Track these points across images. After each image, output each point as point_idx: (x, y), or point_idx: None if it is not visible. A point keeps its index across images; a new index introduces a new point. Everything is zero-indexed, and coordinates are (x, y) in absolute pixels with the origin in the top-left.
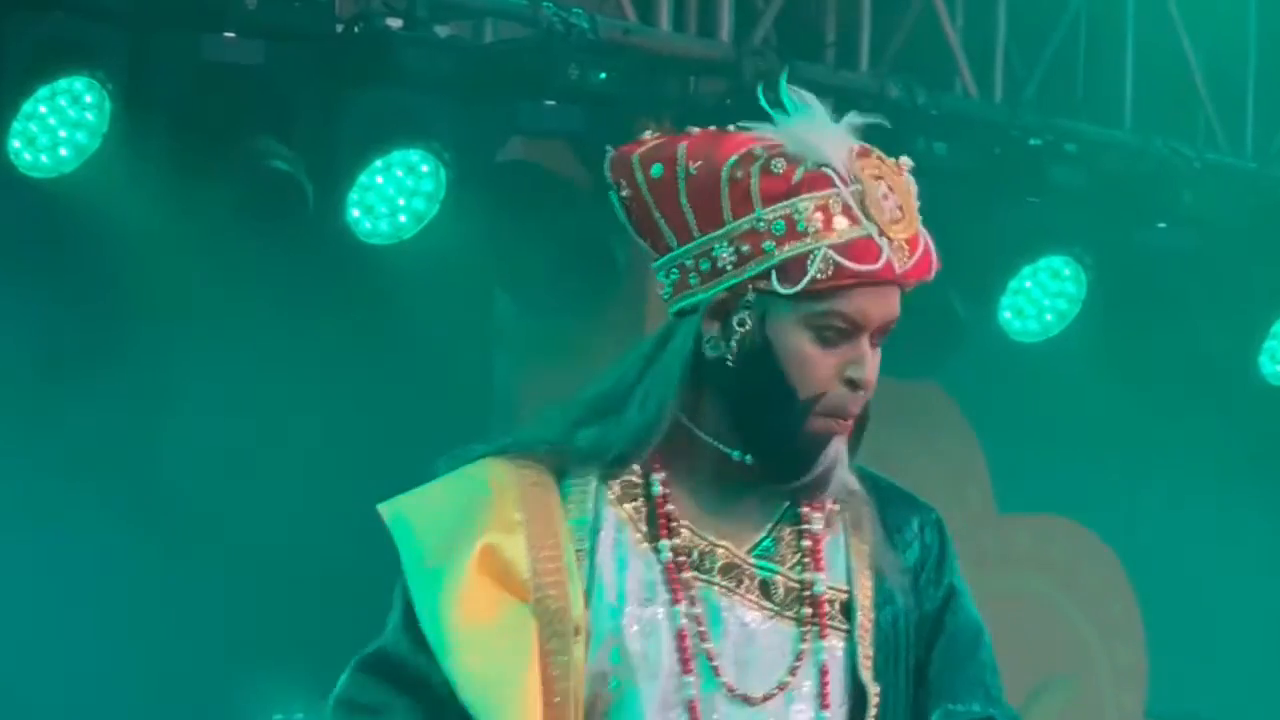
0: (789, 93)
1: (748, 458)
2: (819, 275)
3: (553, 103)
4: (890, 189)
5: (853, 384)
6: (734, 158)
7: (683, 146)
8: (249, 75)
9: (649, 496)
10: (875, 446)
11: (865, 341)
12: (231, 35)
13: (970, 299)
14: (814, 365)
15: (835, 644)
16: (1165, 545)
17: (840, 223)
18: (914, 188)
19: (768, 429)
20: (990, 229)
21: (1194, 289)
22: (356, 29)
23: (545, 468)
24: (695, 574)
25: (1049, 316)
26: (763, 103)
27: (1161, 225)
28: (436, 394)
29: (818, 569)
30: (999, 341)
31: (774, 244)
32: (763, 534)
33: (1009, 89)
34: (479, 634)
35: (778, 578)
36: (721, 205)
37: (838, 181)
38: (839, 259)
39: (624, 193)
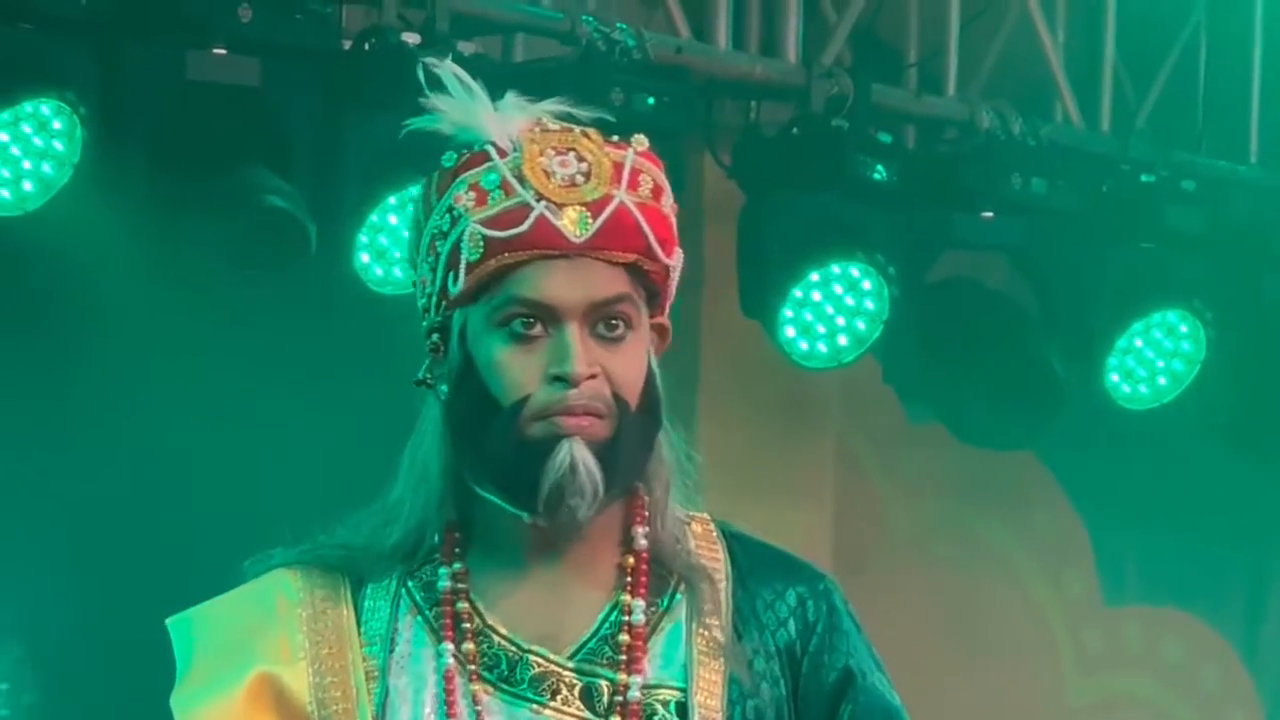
0: (438, 69)
1: (523, 514)
2: (469, 258)
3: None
4: (579, 158)
5: (560, 380)
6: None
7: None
8: (242, 97)
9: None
10: (960, 525)
11: (572, 331)
12: (222, 51)
13: (1072, 359)
14: (510, 367)
15: None
16: None
17: (495, 197)
18: (635, 163)
19: (484, 454)
20: (1095, 278)
21: None
22: (367, 46)
23: (340, 577)
24: (497, 686)
25: (1162, 380)
26: (427, 90)
27: None
28: None
29: (635, 670)
30: (1104, 408)
31: (442, 240)
32: (587, 632)
33: (1118, 118)
34: None
35: (603, 683)
36: (420, 223)
37: (494, 155)
38: (486, 232)
39: None
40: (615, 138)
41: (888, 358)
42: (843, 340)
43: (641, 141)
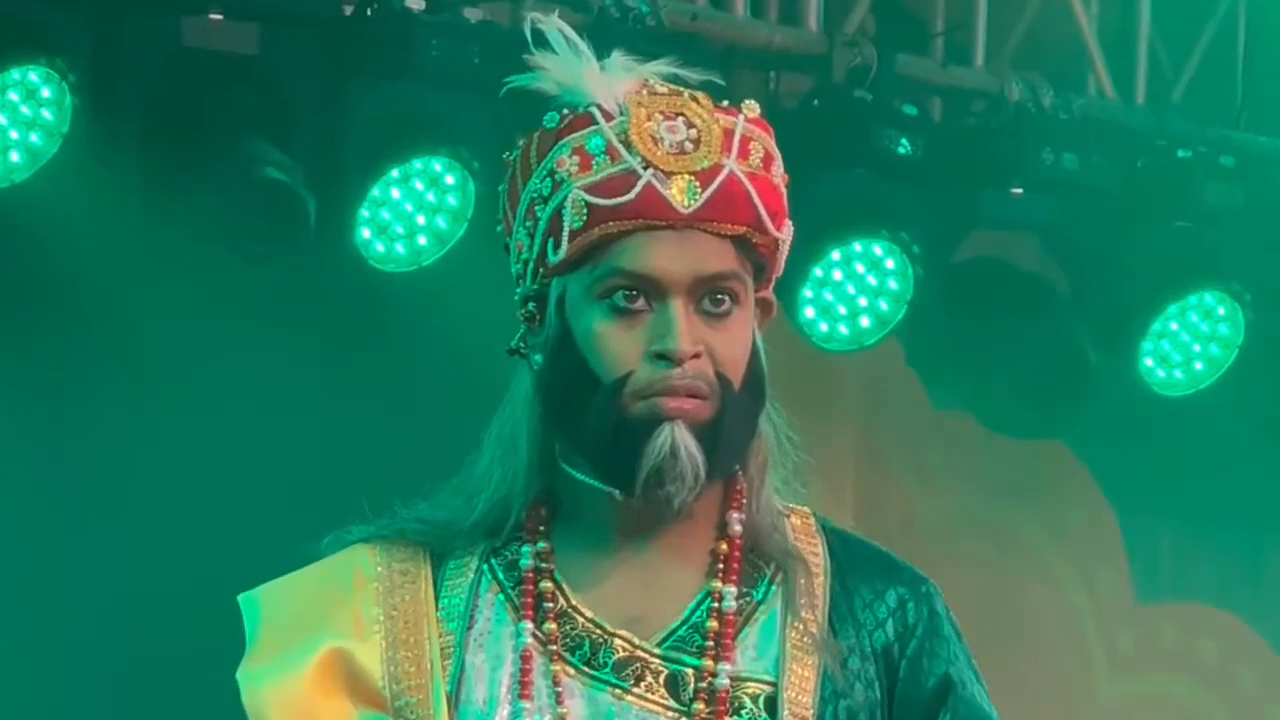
0: (539, 26)
1: (616, 491)
2: (573, 226)
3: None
4: (688, 124)
5: (663, 358)
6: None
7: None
8: (239, 66)
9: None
10: (985, 517)
11: (677, 306)
12: (218, 17)
13: (1105, 343)
14: (612, 342)
15: None
16: None
17: (600, 162)
18: (745, 130)
19: (581, 431)
20: (1130, 258)
21: None
22: (369, 12)
23: (421, 551)
24: (579, 669)
25: (1199, 365)
26: (532, 47)
27: None
28: (464, 448)
29: (725, 657)
30: (1139, 395)
31: (542, 205)
32: (676, 619)
33: (1153, 91)
34: None
35: (689, 670)
36: (517, 186)
37: (599, 118)
38: (590, 199)
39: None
40: (725, 103)
41: (912, 341)
42: (865, 322)
43: (753, 108)
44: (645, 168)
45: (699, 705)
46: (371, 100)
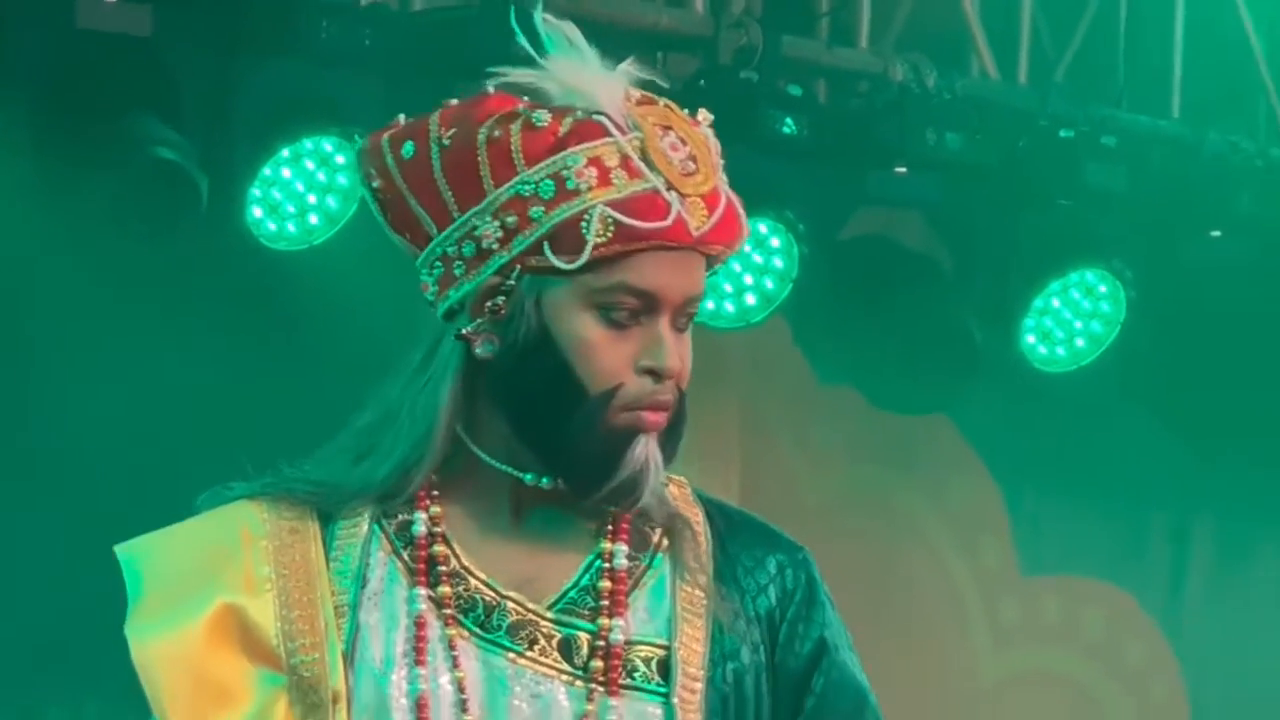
0: (549, 26)
1: (543, 480)
2: (598, 239)
3: (494, 85)
4: (682, 140)
5: (653, 374)
6: (493, 118)
7: (436, 117)
8: (131, 47)
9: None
10: (869, 491)
11: (663, 322)
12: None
13: (988, 320)
14: (603, 353)
15: (643, 707)
16: (1217, 615)
17: (618, 176)
18: (715, 145)
19: (556, 435)
20: (1013, 237)
21: (1254, 309)
22: None
23: (309, 510)
24: (474, 631)
25: (1080, 341)
26: (519, 37)
27: (1215, 234)
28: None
29: (618, 613)
30: (1021, 371)
31: (542, 209)
32: (568, 583)
33: (1036, 71)
34: (195, 705)
35: (581, 634)
36: (480, 175)
37: (613, 130)
38: (619, 217)
39: (375, 184)
40: (688, 111)
41: (797, 318)
42: (750, 300)
43: (709, 118)
44: (668, 189)
45: (596, 663)
46: (263, 81)
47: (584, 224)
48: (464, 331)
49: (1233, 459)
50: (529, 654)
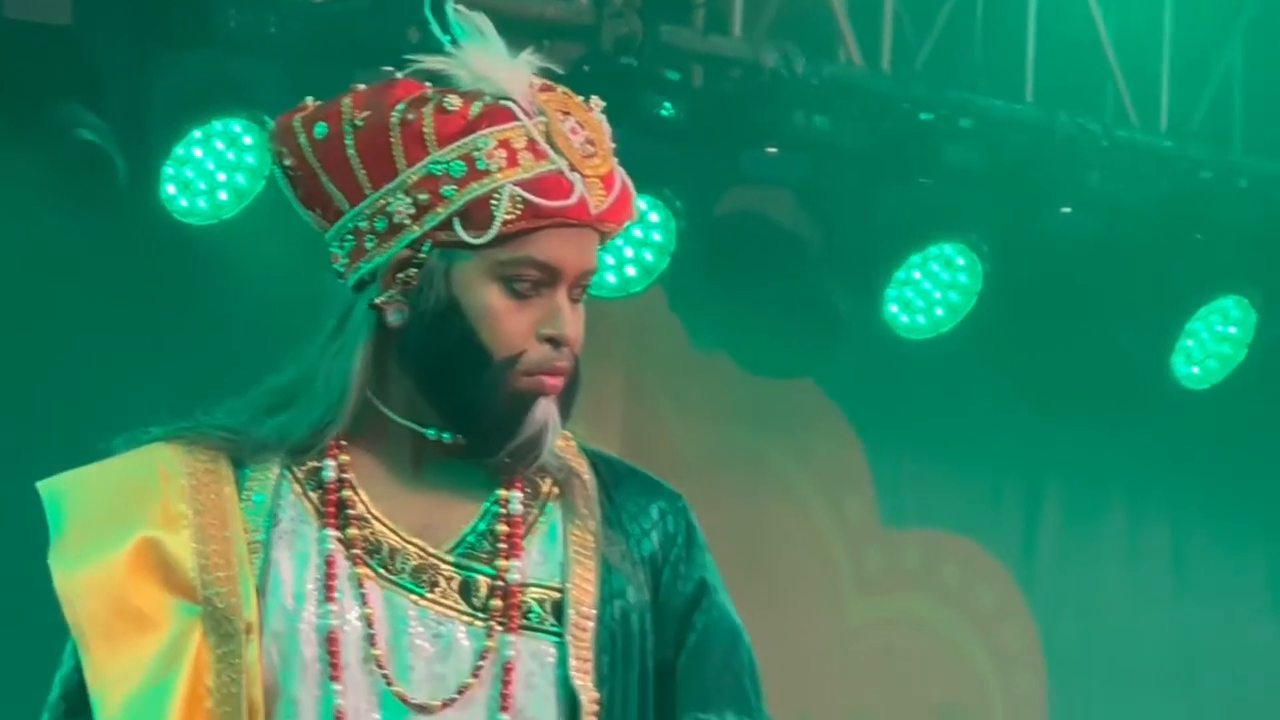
0: (459, 17)
1: (444, 435)
2: (507, 216)
3: (391, 70)
4: (580, 125)
5: (552, 341)
6: (404, 101)
7: (348, 100)
8: (54, 35)
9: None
10: (742, 450)
11: (562, 294)
12: None
13: (852, 290)
14: (506, 321)
15: (539, 646)
16: (1067, 565)
17: (525, 158)
18: (608, 129)
19: (462, 397)
20: (875, 212)
21: (1102, 281)
22: None
23: (222, 454)
24: (379, 572)
25: (940, 311)
26: (433, 25)
27: (1066, 210)
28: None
29: (514, 554)
30: (883, 338)
31: (454, 188)
32: (466, 529)
33: (898, 58)
34: (114, 631)
35: (480, 578)
36: (393, 154)
37: (520, 114)
38: (528, 196)
39: (287, 162)
40: (583, 99)
41: (674, 289)
42: (631, 271)
43: (601, 104)
44: (571, 170)
45: (495, 603)
46: (176, 67)
47: (494, 202)
48: (377, 301)
49: (1081, 422)
50: (430, 595)
